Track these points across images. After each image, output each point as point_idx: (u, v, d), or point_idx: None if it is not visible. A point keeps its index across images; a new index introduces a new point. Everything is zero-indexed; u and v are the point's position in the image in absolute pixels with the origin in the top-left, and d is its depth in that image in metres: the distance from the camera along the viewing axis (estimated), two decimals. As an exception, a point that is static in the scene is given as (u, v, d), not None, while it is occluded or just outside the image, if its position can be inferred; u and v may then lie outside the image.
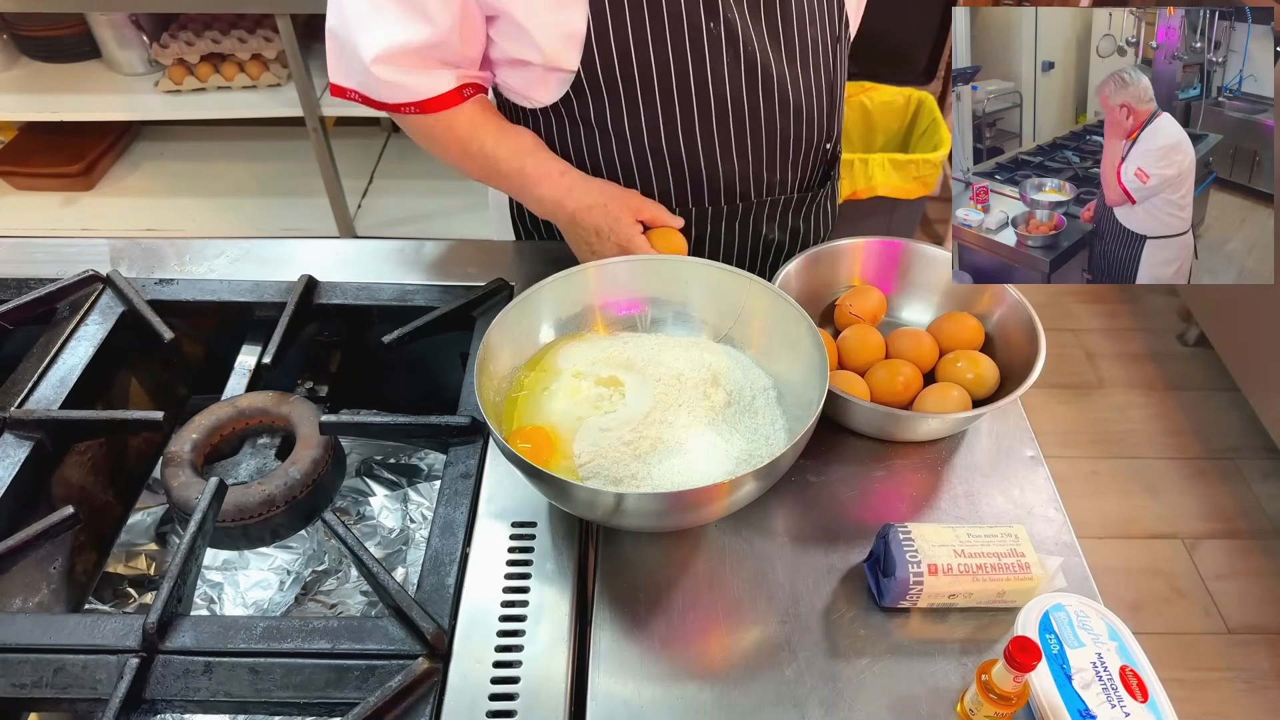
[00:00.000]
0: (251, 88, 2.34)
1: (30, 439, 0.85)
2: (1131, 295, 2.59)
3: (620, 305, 0.94)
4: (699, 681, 0.72)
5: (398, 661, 0.70)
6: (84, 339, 0.96)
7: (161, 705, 0.69)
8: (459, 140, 0.97)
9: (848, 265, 1.05)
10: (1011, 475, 0.90)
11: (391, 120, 2.74)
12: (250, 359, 1.01)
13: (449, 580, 0.75)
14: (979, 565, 0.75)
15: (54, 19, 2.36)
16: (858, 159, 1.97)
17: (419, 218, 2.49)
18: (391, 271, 1.08)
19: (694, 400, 0.85)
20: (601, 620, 0.77)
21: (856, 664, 0.74)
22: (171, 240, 1.12)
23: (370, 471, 1.06)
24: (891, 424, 0.91)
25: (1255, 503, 2.05)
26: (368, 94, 0.93)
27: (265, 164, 2.70)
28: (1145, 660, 0.71)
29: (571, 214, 0.97)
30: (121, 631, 0.71)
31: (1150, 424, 2.23)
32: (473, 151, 0.97)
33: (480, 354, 0.81)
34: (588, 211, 0.96)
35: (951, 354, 0.96)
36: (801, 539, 0.83)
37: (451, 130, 0.96)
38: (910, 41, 2.31)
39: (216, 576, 0.95)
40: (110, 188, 2.61)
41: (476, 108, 0.97)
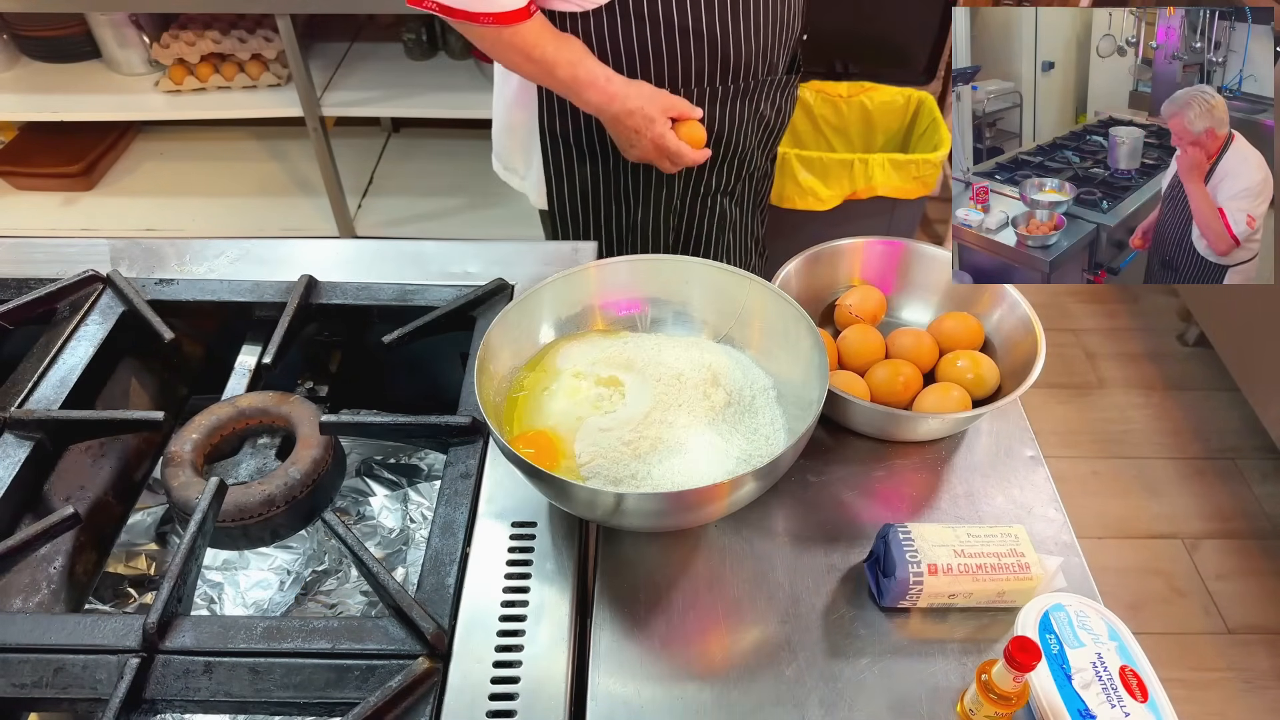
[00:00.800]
0: (251, 88, 2.34)
1: (30, 439, 0.85)
2: (1131, 295, 2.59)
3: (620, 305, 0.94)
4: (699, 681, 0.73)
5: (398, 661, 0.70)
6: (84, 339, 0.96)
7: (161, 705, 0.69)
8: (523, 47, 1.08)
9: (848, 265, 1.05)
10: (1011, 475, 0.90)
11: (392, 120, 2.77)
12: (250, 359, 1.01)
13: (449, 580, 0.75)
14: (979, 565, 0.75)
15: (54, 19, 2.36)
16: (858, 159, 1.97)
17: (419, 218, 2.49)
18: (391, 271, 1.08)
19: (694, 400, 0.85)
20: (601, 620, 0.77)
21: (856, 664, 0.74)
22: (171, 240, 1.12)
23: (370, 471, 1.06)
24: (891, 424, 0.91)
25: (1255, 503, 2.05)
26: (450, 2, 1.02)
27: (265, 164, 2.70)
28: (1145, 660, 0.71)
29: (615, 115, 1.12)
30: (121, 631, 0.71)
31: (1150, 424, 2.23)
32: (535, 58, 1.09)
33: (480, 354, 0.81)
34: (629, 115, 1.12)
35: (951, 354, 0.96)
36: (801, 539, 0.83)
37: (518, 38, 1.07)
38: (910, 41, 2.30)
39: (216, 576, 0.95)
40: (110, 188, 2.61)
41: (538, 20, 1.08)
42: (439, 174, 2.60)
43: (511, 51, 1.10)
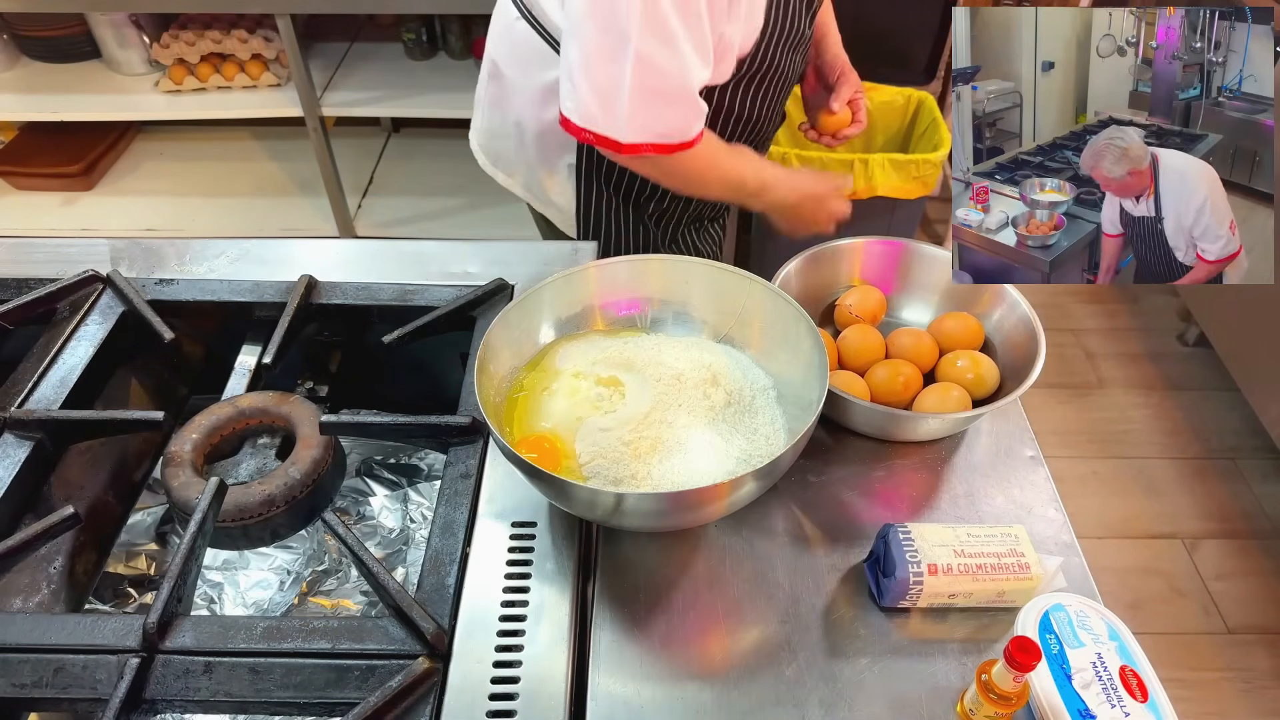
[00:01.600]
0: (251, 88, 2.34)
1: (30, 439, 0.85)
2: (1131, 295, 2.59)
3: (620, 305, 0.94)
4: (699, 681, 0.73)
5: (398, 661, 0.70)
6: (84, 339, 0.96)
7: (161, 705, 0.69)
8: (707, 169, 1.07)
9: (848, 265, 1.05)
10: (1011, 475, 0.90)
11: (392, 120, 2.77)
12: (250, 359, 1.01)
13: (449, 580, 0.75)
14: (979, 565, 0.75)
15: (54, 19, 2.36)
16: (858, 159, 1.97)
17: (419, 218, 2.49)
18: (391, 271, 1.08)
19: (694, 400, 0.85)
20: (601, 620, 0.77)
21: (856, 664, 0.74)
22: (171, 240, 1.12)
23: (370, 471, 1.06)
24: (891, 424, 0.91)
25: (1255, 503, 2.05)
26: (668, 142, 0.97)
27: (265, 164, 2.70)
28: (1145, 660, 0.71)
29: (794, 206, 1.17)
30: (121, 631, 0.71)
31: (1150, 424, 2.23)
32: (728, 177, 1.10)
33: (480, 354, 0.81)
34: (801, 202, 1.17)
35: (951, 354, 0.96)
36: (801, 539, 0.83)
37: (700, 159, 1.04)
38: (910, 41, 2.30)
39: (216, 576, 0.95)
40: (110, 188, 2.61)
41: (711, 134, 1.05)
42: (439, 174, 2.60)
43: (700, 172, 1.07)
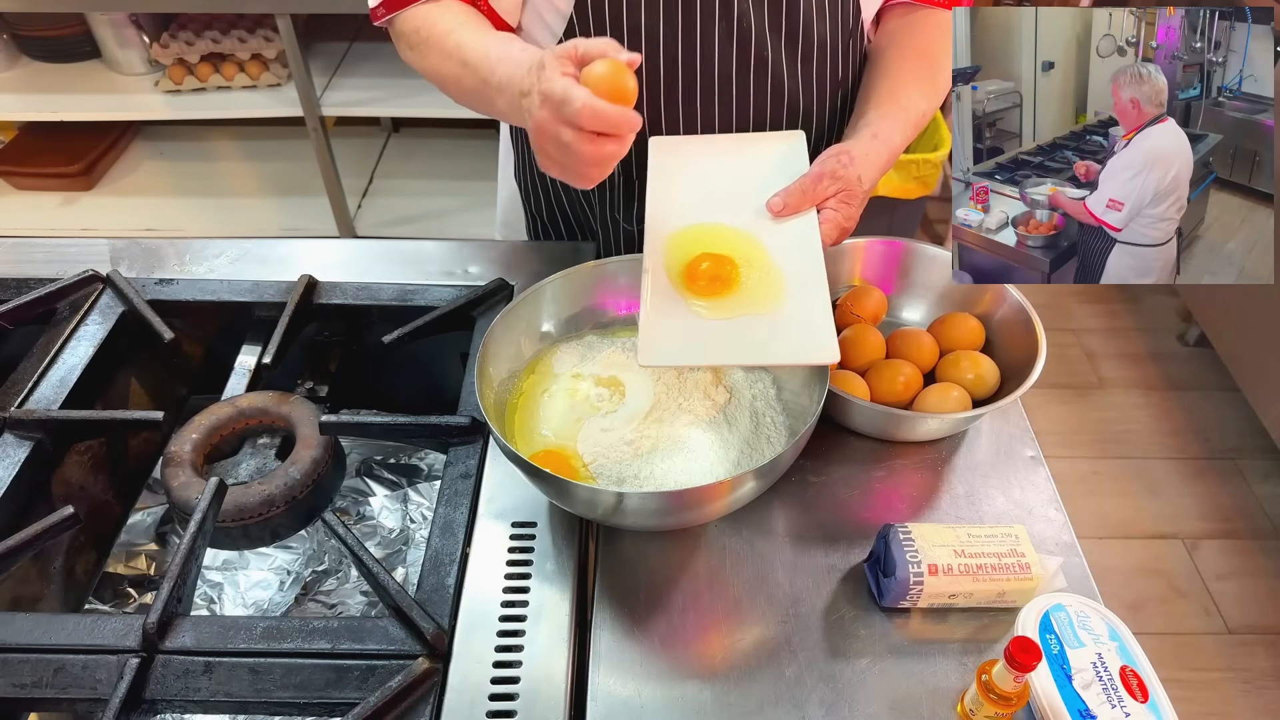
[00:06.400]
0: (251, 88, 2.34)
1: (30, 439, 0.85)
2: (1131, 295, 2.59)
3: (620, 305, 0.94)
4: (699, 681, 0.72)
5: (398, 661, 0.70)
6: (84, 339, 0.96)
7: (161, 705, 0.69)
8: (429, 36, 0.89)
9: (848, 265, 1.05)
10: (1011, 475, 0.90)
11: (392, 120, 2.76)
12: (250, 359, 1.01)
13: (449, 580, 0.75)
14: (979, 565, 0.75)
15: (54, 19, 2.36)
16: (858, 159, 1.97)
17: (419, 218, 2.49)
18: (391, 271, 1.08)
19: (694, 400, 0.85)
20: (601, 620, 0.77)
21: (856, 664, 0.74)
22: (171, 240, 1.12)
23: (370, 471, 1.06)
24: (891, 424, 0.91)
25: (1255, 503, 2.05)
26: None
27: (265, 164, 2.70)
28: (1145, 660, 0.71)
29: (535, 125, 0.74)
30: (121, 631, 0.71)
31: (1150, 424, 2.23)
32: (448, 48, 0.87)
33: (480, 354, 0.81)
34: (523, 78, 0.75)
35: (951, 354, 0.96)
36: (801, 539, 0.83)
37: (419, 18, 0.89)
38: (910, 41, 2.31)
39: (216, 576, 0.95)
40: (110, 188, 2.61)
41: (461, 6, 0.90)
42: (439, 174, 2.60)
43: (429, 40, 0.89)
